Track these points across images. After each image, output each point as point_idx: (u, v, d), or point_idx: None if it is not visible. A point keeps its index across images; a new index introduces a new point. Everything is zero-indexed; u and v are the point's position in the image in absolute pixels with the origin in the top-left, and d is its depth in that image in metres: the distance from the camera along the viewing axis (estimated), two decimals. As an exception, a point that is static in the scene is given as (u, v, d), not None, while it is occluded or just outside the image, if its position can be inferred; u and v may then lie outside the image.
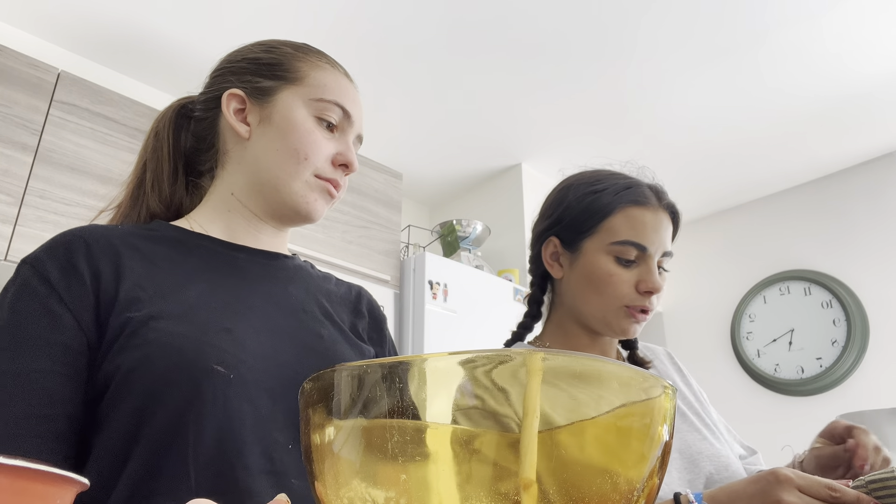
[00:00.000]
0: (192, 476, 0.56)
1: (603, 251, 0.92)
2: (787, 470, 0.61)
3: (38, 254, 0.62)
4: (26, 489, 0.23)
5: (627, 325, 0.92)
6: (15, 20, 2.19)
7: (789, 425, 3.00)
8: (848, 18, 2.18)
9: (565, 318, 0.99)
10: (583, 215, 0.95)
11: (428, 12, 2.17)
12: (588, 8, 2.14)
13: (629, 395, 0.35)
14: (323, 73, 0.76)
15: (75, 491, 0.26)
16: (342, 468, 0.35)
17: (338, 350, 0.71)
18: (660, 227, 0.93)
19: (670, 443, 0.36)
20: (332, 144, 0.75)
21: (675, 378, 1.04)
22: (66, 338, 0.58)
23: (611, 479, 0.33)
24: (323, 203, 0.75)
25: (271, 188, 0.73)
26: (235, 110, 0.75)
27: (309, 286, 0.78)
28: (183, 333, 0.59)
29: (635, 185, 0.96)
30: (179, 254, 0.69)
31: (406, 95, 2.61)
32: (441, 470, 0.34)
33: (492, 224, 3.12)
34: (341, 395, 0.37)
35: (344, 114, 0.75)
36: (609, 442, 0.34)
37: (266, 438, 0.59)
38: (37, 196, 1.78)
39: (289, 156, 0.72)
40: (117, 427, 0.57)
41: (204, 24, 2.21)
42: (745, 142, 2.91)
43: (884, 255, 2.92)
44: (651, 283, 0.90)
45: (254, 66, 0.77)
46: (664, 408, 0.35)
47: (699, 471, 0.86)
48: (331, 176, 0.74)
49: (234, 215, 0.75)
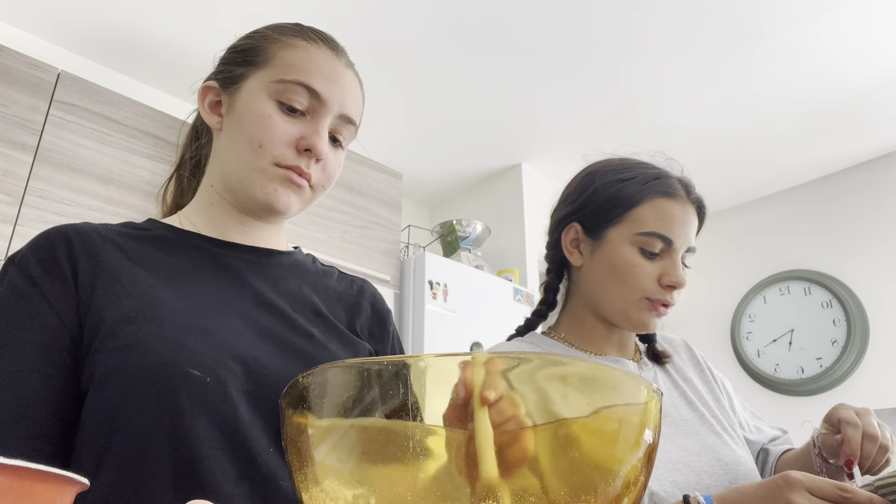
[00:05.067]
0: (170, 483, 0.54)
1: (628, 241, 0.89)
2: (797, 473, 0.61)
3: (24, 252, 0.62)
4: (27, 489, 0.23)
5: (648, 318, 0.90)
6: (15, 20, 2.19)
7: (789, 425, 3.00)
8: (844, 21, 2.18)
9: (582, 308, 0.96)
10: (609, 203, 0.92)
11: (428, 12, 2.17)
12: (588, 9, 2.14)
13: (617, 397, 0.35)
14: (291, 52, 0.69)
15: (75, 491, 0.26)
16: (324, 468, 0.35)
17: (328, 350, 0.69)
18: (687, 220, 0.90)
19: (655, 443, 0.36)
20: (296, 129, 0.67)
21: (692, 373, 1.01)
22: (50, 336, 0.58)
23: (598, 474, 0.33)
24: (286, 194, 0.68)
25: (236, 180, 0.69)
26: (211, 103, 0.73)
27: (304, 283, 0.75)
28: (160, 336, 0.58)
29: (664, 176, 0.93)
30: (166, 254, 0.67)
31: (406, 95, 2.61)
32: (419, 470, 0.34)
33: (492, 224, 3.12)
34: (323, 397, 0.37)
35: (311, 94, 0.68)
36: (595, 440, 0.34)
37: (247, 443, 0.58)
38: (37, 196, 1.78)
39: (245, 144, 0.67)
40: (93, 432, 0.56)
41: (204, 25, 2.21)
42: (745, 142, 2.91)
43: (884, 255, 2.92)
44: (675, 276, 0.88)
45: (230, 54, 0.74)
46: (650, 410, 0.35)
47: (719, 476, 0.84)
48: (292, 163, 0.67)
49: (217, 209, 0.73)
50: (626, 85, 2.54)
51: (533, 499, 0.32)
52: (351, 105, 0.72)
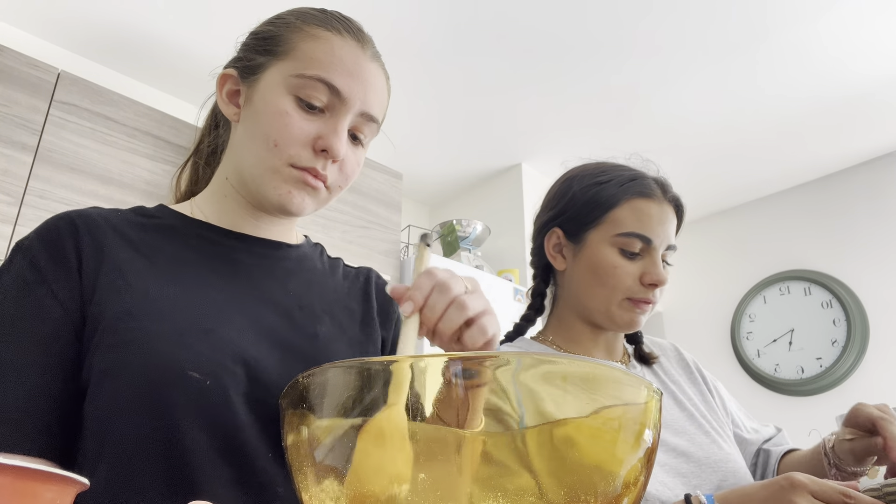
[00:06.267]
0: (164, 486, 0.53)
1: (607, 243, 0.91)
2: (801, 475, 0.61)
3: (31, 239, 0.61)
4: (26, 489, 0.23)
5: (631, 317, 0.91)
6: (15, 20, 2.19)
7: (789, 425, 3.00)
8: (847, 20, 2.18)
9: (568, 311, 0.97)
10: (587, 206, 0.94)
11: (428, 12, 2.17)
12: (588, 9, 2.14)
13: (616, 396, 0.35)
14: (313, 44, 0.65)
15: (75, 491, 0.26)
16: (324, 469, 0.35)
17: (331, 349, 0.67)
18: (665, 219, 0.92)
19: (655, 443, 0.36)
20: (314, 127, 0.64)
21: (680, 375, 1.02)
22: (54, 329, 0.57)
23: (598, 475, 0.33)
24: (300, 196, 0.65)
25: (250, 177, 0.67)
26: (229, 92, 0.70)
27: (312, 279, 0.73)
28: (159, 334, 0.56)
29: (640, 177, 0.95)
30: (172, 245, 0.66)
31: (406, 95, 2.61)
32: (419, 470, 0.34)
33: (492, 224, 3.12)
34: (323, 397, 0.37)
35: (331, 91, 0.64)
36: (594, 441, 0.34)
37: (245, 448, 0.56)
38: (37, 196, 1.78)
39: (260, 141, 0.64)
40: (91, 429, 0.56)
41: (204, 25, 2.21)
42: (745, 142, 2.91)
43: (884, 255, 2.92)
44: (656, 275, 0.89)
45: (251, 40, 0.70)
46: (650, 410, 0.35)
47: (707, 475, 0.85)
48: (308, 164, 0.64)
49: (230, 201, 0.71)
50: (627, 84, 2.54)
51: (532, 499, 0.32)
52: (373, 102, 0.68)
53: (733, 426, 1.01)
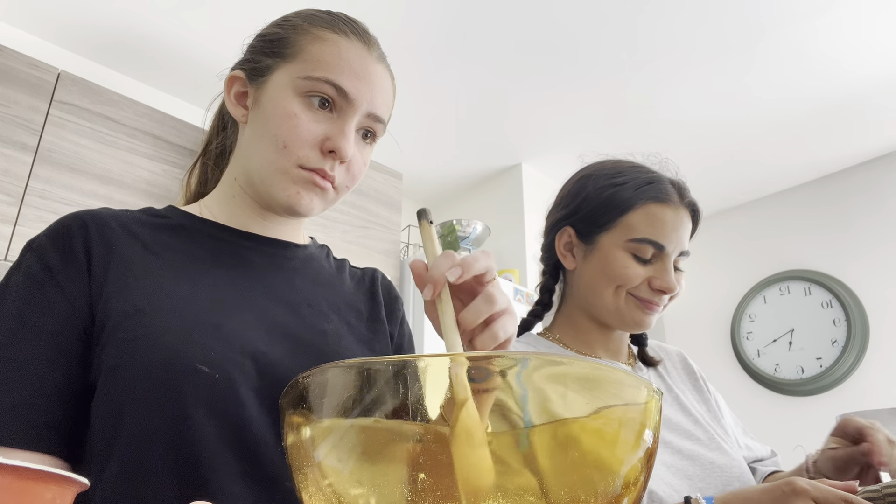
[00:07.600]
0: (174, 481, 0.53)
1: (619, 247, 0.89)
2: (803, 480, 0.60)
3: (41, 238, 0.62)
4: (26, 489, 0.23)
5: (641, 316, 0.90)
6: (15, 20, 2.19)
7: (789, 425, 3.00)
8: (844, 20, 2.18)
9: (576, 310, 0.97)
10: (601, 208, 0.92)
11: (428, 12, 2.17)
12: (588, 9, 2.14)
13: (617, 396, 0.35)
14: (321, 46, 0.66)
15: (75, 491, 0.26)
16: (323, 469, 0.35)
17: (340, 346, 0.68)
18: (679, 225, 0.90)
19: (656, 443, 0.36)
20: (322, 128, 0.65)
21: (684, 382, 1.01)
22: (62, 326, 0.57)
23: (598, 475, 0.33)
24: (309, 197, 0.66)
25: (258, 179, 0.67)
26: (237, 94, 0.71)
27: (319, 278, 0.74)
28: (168, 329, 0.57)
29: (657, 180, 0.92)
30: (181, 243, 0.67)
31: (406, 95, 2.61)
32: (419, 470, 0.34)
33: (492, 224, 3.12)
34: (323, 397, 0.37)
35: (339, 92, 0.65)
36: (595, 441, 0.34)
37: (255, 442, 0.56)
38: (37, 196, 1.78)
39: (269, 143, 0.65)
40: (100, 426, 0.56)
41: (203, 25, 2.21)
42: (745, 142, 2.91)
43: (884, 255, 2.92)
44: (666, 282, 0.88)
45: (259, 42, 0.71)
46: (650, 410, 0.35)
47: (713, 479, 0.84)
48: (316, 165, 0.65)
49: (238, 202, 0.72)
50: (627, 84, 2.54)
51: (532, 499, 0.32)
52: (380, 103, 0.69)
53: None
